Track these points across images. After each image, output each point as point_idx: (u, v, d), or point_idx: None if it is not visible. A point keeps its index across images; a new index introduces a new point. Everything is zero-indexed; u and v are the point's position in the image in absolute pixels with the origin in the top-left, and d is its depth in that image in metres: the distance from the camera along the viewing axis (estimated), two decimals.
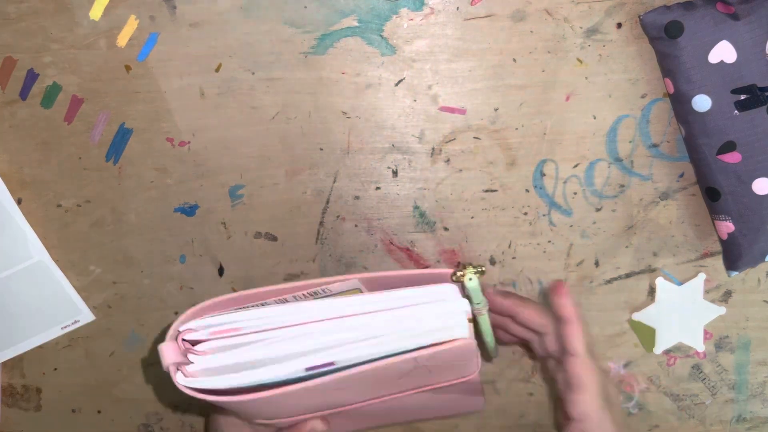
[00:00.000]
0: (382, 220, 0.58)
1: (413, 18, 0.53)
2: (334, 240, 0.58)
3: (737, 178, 0.52)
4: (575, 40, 0.53)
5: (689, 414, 0.61)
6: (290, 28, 0.54)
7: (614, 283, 0.59)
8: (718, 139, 0.51)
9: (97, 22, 0.53)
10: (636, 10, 0.52)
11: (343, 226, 0.58)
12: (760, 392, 0.61)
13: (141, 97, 0.55)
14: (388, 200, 0.57)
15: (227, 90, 0.55)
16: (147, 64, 0.54)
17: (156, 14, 0.53)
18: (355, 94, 0.55)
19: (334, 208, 0.58)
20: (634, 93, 0.54)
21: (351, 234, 0.58)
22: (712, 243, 0.57)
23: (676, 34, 0.49)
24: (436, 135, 0.56)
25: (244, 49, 0.54)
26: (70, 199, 0.57)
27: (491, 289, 0.52)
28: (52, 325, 0.60)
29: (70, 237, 0.58)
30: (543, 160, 0.56)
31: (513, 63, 0.54)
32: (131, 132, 0.56)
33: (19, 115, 0.56)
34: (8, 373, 0.62)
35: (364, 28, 0.54)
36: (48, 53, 0.54)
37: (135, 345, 0.61)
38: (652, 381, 0.61)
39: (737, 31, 0.48)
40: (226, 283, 0.59)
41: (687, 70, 0.50)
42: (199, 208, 0.57)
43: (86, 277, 0.59)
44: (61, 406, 0.62)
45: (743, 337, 0.59)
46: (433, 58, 0.54)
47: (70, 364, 0.61)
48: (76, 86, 0.55)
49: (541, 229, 0.58)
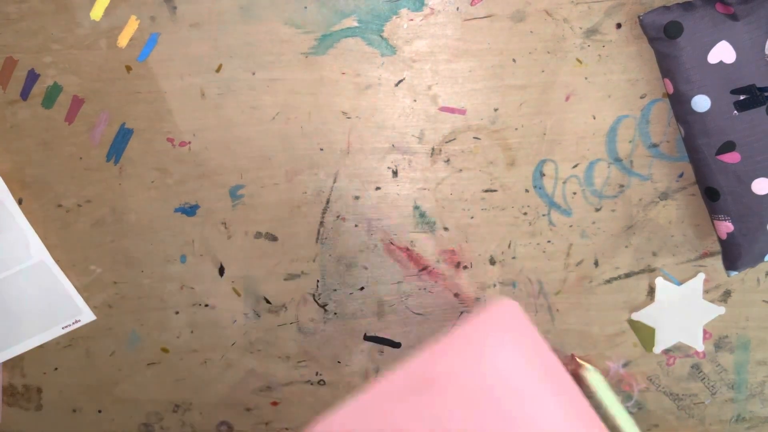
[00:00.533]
0: (382, 220, 0.58)
1: (413, 18, 0.53)
2: (334, 240, 0.58)
3: (736, 178, 0.52)
4: (575, 40, 0.53)
5: (689, 413, 0.62)
6: (290, 29, 0.54)
7: (614, 283, 0.59)
8: (717, 140, 0.51)
9: (98, 22, 0.54)
10: (635, 11, 0.53)
11: (343, 226, 0.58)
12: (760, 392, 0.61)
13: (141, 98, 0.55)
14: (388, 200, 0.57)
15: (228, 90, 0.55)
16: (147, 64, 0.54)
17: (156, 15, 0.53)
18: (356, 95, 0.55)
19: (334, 208, 0.58)
20: (634, 93, 0.55)
21: (351, 234, 0.58)
22: (711, 243, 0.58)
23: (676, 34, 0.49)
24: (436, 135, 0.56)
25: (244, 49, 0.54)
26: (70, 199, 0.57)
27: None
28: (53, 324, 0.60)
29: (71, 237, 0.58)
30: (543, 160, 0.56)
31: (513, 63, 0.54)
32: (132, 132, 0.56)
33: (19, 115, 0.56)
34: (9, 373, 0.62)
35: (364, 28, 0.54)
36: (49, 53, 0.54)
37: (135, 345, 0.61)
38: (652, 381, 0.61)
39: (736, 32, 0.49)
40: (226, 283, 0.59)
41: (686, 71, 0.50)
42: (200, 208, 0.58)
43: (87, 276, 0.59)
44: (61, 405, 0.63)
45: (742, 337, 0.60)
46: (433, 59, 0.54)
47: (71, 363, 0.61)
48: (76, 86, 0.55)
49: (540, 229, 0.58)
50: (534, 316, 0.59)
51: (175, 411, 0.63)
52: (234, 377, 0.62)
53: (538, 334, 0.43)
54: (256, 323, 0.60)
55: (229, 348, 0.61)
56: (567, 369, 0.45)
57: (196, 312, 0.60)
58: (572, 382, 0.41)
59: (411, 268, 0.59)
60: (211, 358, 0.61)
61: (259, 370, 0.61)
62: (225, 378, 0.62)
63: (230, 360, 0.61)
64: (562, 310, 0.59)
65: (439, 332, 0.60)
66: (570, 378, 0.42)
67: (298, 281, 0.59)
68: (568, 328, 0.59)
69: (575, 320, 0.59)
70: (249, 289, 0.59)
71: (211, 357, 0.61)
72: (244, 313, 0.60)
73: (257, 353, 0.61)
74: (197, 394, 0.62)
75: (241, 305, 0.60)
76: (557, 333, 0.59)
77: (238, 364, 0.61)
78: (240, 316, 0.60)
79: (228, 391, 0.62)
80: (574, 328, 0.59)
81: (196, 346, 0.61)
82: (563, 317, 0.59)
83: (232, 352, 0.61)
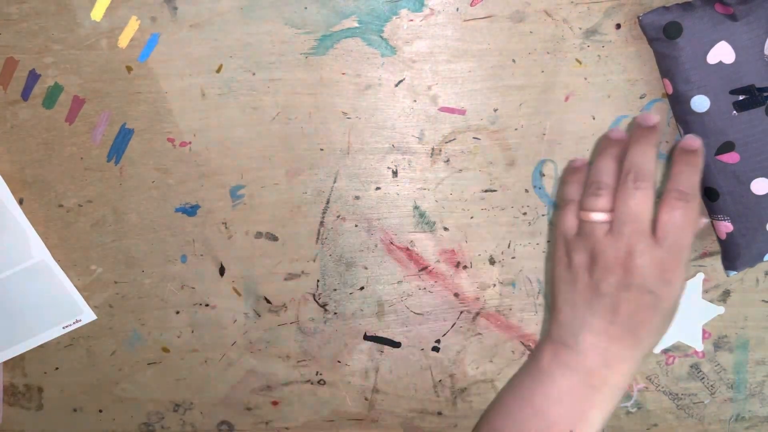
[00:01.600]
0: (382, 219, 0.58)
1: (413, 19, 0.54)
2: (334, 239, 0.58)
3: (736, 179, 0.52)
4: (574, 40, 0.54)
5: (688, 413, 0.62)
6: (291, 29, 0.54)
7: None
8: (716, 140, 0.51)
9: (99, 22, 0.54)
10: (635, 11, 0.53)
11: (344, 226, 0.58)
12: (759, 391, 0.61)
13: (142, 98, 0.55)
14: (388, 200, 0.58)
15: (228, 90, 0.55)
16: (148, 64, 0.54)
17: (157, 15, 0.53)
18: (356, 95, 0.55)
19: (335, 208, 0.58)
20: (633, 93, 0.55)
21: (351, 234, 0.58)
22: (710, 243, 0.58)
23: (675, 34, 0.50)
24: (436, 135, 0.56)
25: (244, 49, 0.54)
26: (71, 199, 0.58)
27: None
28: (54, 324, 0.60)
29: (72, 237, 0.58)
30: (542, 160, 0.56)
31: (512, 64, 0.54)
32: (132, 132, 0.56)
33: (20, 115, 0.56)
34: (10, 373, 0.62)
35: (364, 29, 0.54)
36: (49, 54, 0.54)
37: (136, 344, 0.61)
38: (651, 380, 0.61)
39: (736, 32, 0.49)
40: (227, 283, 0.59)
41: (686, 71, 0.50)
42: (200, 208, 0.58)
43: (87, 276, 0.59)
44: (62, 405, 0.63)
45: (742, 337, 0.60)
46: (432, 59, 0.54)
47: (72, 363, 0.62)
48: (77, 87, 0.55)
49: (540, 229, 0.58)
50: (534, 317, 0.59)
51: (175, 410, 0.63)
52: (234, 377, 0.62)
53: None
54: (257, 323, 0.60)
55: (230, 347, 0.61)
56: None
57: (197, 312, 0.60)
58: None
59: (411, 268, 0.59)
60: (211, 358, 0.61)
61: (259, 369, 0.61)
62: (225, 377, 0.62)
63: (230, 359, 0.61)
64: None
65: (439, 332, 0.60)
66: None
67: (298, 281, 0.59)
68: None
69: None
70: (249, 288, 0.59)
71: (211, 357, 0.61)
72: (245, 313, 0.60)
73: (257, 353, 0.61)
74: (198, 393, 0.62)
75: (241, 305, 0.60)
76: None
77: (239, 364, 0.61)
78: (240, 316, 0.60)
79: (228, 390, 0.62)
80: None
81: (196, 345, 0.61)
82: None
83: (232, 352, 0.61)
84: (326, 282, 0.59)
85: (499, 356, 0.60)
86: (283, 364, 0.61)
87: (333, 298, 0.60)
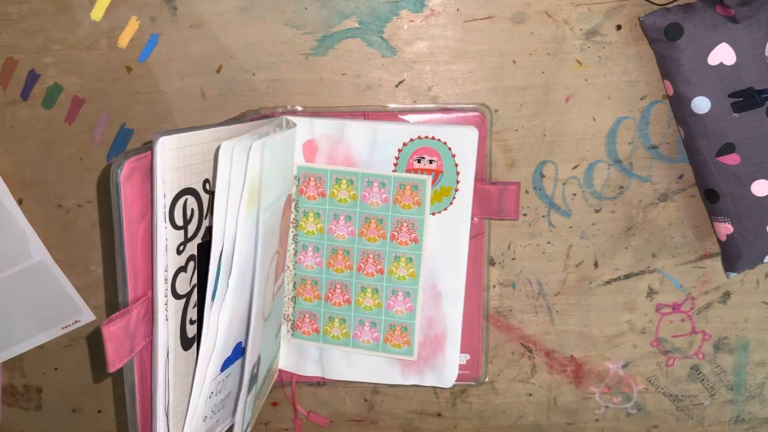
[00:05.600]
0: None
1: (413, 20, 0.54)
2: None
3: (736, 180, 0.52)
4: (575, 41, 0.54)
5: (688, 414, 0.62)
6: (291, 30, 0.54)
7: (613, 284, 0.59)
8: (717, 141, 0.51)
9: (99, 22, 0.54)
10: (635, 12, 0.53)
11: None
12: (759, 393, 0.61)
13: (142, 98, 0.55)
14: None
15: (228, 91, 0.55)
16: (148, 64, 0.54)
17: (157, 15, 0.53)
18: (356, 95, 0.55)
19: None
20: (634, 95, 0.55)
21: None
22: (711, 244, 0.58)
23: (676, 36, 0.50)
24: None
25: (244, 50, 0.54)
26: (70, 199, 0.57)
27: None
28: (53, 324, 0.60)
29: (71, 237, 0.58)
30: (542, 161, 0.56)
31: (513, 64, 0.54)
32: (132, 132, 0.56)
33: (20, 115, 0.56)
34: (9, 373, 0.62)
35: (364, 29, 0.54)
36: (49, 54, 0.54)
37: None
38: (651, 382, 0.61)
39: (736, 34, 0.49)
40: None
41: (686, 72, 0.50)
42: None
43: (87, 277, 0.59)
44: (61, 405, 0.63)
45: (742, 338, 0.60)
46: (433, 60, 0.54)
47: (71, 363, 0.61)
48: (77, 87, 0.55)
49: (540, 230, 0.58)
50: (534, 318, 0.59)
51: None
52: None
53: None
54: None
55: None
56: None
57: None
58: None
59: None
60: None
61: None
62: None
63: None
64: (561, 311, 0.59)
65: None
66: None
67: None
68: (568, 329, 0.59)
69: (575, 321, 0.59)
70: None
71: None
72: None
73: None
74: None
75: None
76: (557, 334, 0.59)
77: None
78: None
79: None
80: (574, 329, 0.59)
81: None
82: (563, 318, 0.59)
83: None
84: None
85: (499, 357, 0.60)
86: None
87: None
